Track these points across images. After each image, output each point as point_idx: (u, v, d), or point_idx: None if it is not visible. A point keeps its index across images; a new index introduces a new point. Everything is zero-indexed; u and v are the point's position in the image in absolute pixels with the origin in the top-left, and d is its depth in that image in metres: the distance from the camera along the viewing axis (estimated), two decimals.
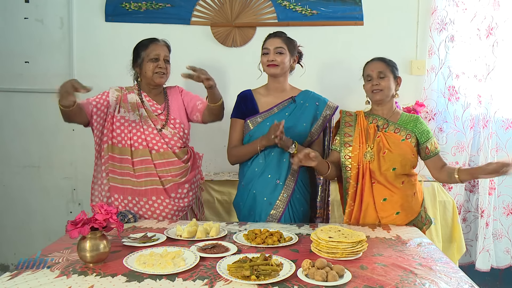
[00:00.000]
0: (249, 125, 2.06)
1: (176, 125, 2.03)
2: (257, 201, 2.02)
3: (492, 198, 2.88)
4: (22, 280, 1.21)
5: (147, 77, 2.01)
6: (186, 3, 2.95)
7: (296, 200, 2.03)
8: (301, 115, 2.05)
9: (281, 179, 2.01)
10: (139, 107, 2.02)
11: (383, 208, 1.89)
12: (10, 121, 3.06)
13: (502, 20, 2.83)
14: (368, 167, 1.88)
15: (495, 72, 2.85)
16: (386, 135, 1.91)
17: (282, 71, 2.03)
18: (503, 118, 2.92)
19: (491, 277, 2.97)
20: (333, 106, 2.12)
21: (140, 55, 2.02)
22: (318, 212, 2.16)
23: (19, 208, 3.11)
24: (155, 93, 2.08)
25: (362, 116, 1.98)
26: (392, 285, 1.21)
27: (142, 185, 1.96)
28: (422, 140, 1.90)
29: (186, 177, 2.03)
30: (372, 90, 1.91)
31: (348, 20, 2.94)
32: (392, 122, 1.93)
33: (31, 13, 3.00)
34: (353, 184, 1.91)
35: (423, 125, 1.93)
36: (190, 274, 1.26)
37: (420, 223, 1.95)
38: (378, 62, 1.94)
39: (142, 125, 1.98)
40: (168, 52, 2.06)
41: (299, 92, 2.10)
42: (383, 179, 1.88)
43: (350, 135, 1.95)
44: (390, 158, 1.87)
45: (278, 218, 1.99)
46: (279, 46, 2.01)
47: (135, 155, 1.96)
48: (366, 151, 1.89)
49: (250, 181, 2.05)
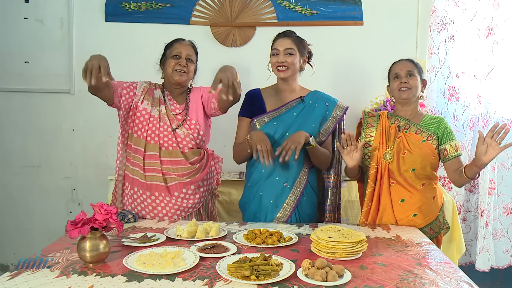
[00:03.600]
0: (255, 124, 2.02)
1: (191, 126, 2.02)
2: (263, 203, 1.99)
3: (492, 198, 2.88)
4: (22, 280, 1.21)
5: (167, 74, 2.03)
6: (186, 3, 2.95)
7: (304, 203, 1.99)
8: (310, 115, 2.00)
9: (289, 182, 1.97)
10: (161, 104, 2.03)
11: (401, 209, 1.87)
12: (10, 121, 3.06)
13: (502, 20, 2.83)
14: (387, 167, 1.88)
15: (495, 72, 2.85)
16: (407, 136, 1.89)
17: (292, 73, 1.99)
18: (503, 118, 2.92)
19: (491, 277, 2.97)
20: (343, 106, 2.07)
21: (165, 53, 2.05)
22: (328, 215, 2.08)
23: (19, 208, 3.11)
24: (177, 93, 2.08)
25: (385, 116, 1.97)
26: (392, 285, 1.21)
27: (148, 179, 1.97)
28: (442, 142, 1.89)
29: (193, 178, 2.00)
30: (400, 88, 1.90)
31: (348, 20, 2.94)
32: (414, 123, 1.92)
33: (31, 13, 3.00)
34: (371, 184, 1.91)
35: (446, 127, 1.90)
36: (190, 274, 1.26)
37: (438, 227, 1.94)
38: (407, 61, 1.95)
39: (159, 121, 1.99)
40: (192, 52, 2.05)
41: (308, 92, 2.07)
42: (402, 180, 1.87)
43: (371, 136, 1.95)
44: (409, 159, 1.85)
45: (284, 221, 1.96)
46: (289, 47, 1.96)
47: (147, 149, 1.98)
48: (386, 151, 1.89)
49: (256, 182, 2.01)
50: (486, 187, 2.86)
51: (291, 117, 1.99)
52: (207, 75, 2.96)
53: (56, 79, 3.02)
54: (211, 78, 1.78)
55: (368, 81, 2.84)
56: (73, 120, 3.04)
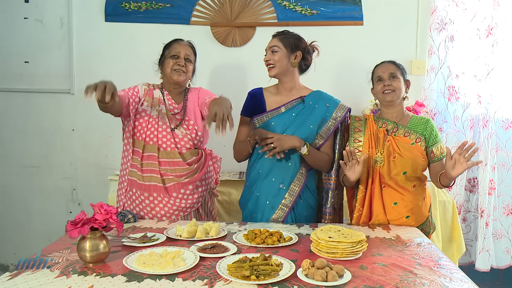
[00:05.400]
0: (255, 124, 2.02)
1: (189, 126, 2.03)
2: (260, 203, 1.99)
3: (492, 198, 2.88)
4: (22, 280, 1.21)
5: (166, 74, 2.04)
6: (186, 3, 2.95)
7: (300, 205, 1.97)
8: (309, 116, 1.97)
9: (284, 183, 1.96)
10: (160, 104, 2.04)
11: (394, 212, 1.87)
12: (10, 121, 3.06)
13: (502, 20, 2.83)
14: (378, 172, 1.87)
15: (495, 72, 2.85)
16: (396, 139, 1.88)
17: (280, 70, 1.97)
18: (503, 118, 2.92)
19: (491, 277, 2.97)
20: (345, 107, 2.01)
21: (164, 54, 2.06)
22: (327, 218, 2.01)
23: (19, 208, 3.11)
24: (176, 92, 2.09)
25: (371, 120, 1.96)
26: (392, 285, 1.21)
27: (146, 180, 1.97)
28: (429, 144, 1.88)
29: (191, 178, 2.01)
30: (384, 91, 1.89)
31: (348, 20, 2.94)
32: (401, 126, 1.91)
33: (31, 13, 3.00)
34: (362, 189, 1.89)
35: (433, 128, 1.90)
36: (190, 274, 1.26)
37: (428, 228, 1.94)
38: (388, 64, 1.95)
39: (158, 121, 2.00)
40: (190, 52, 2.06)
41: (310, 92, 2.04)
42: (394, 183, 1.86)
43: (360, 141, 1.93)
44: (400, 163, 1.85)
45: (280, 222, 1.95)
46: (273, 45, 1.98)
47: (145, 150, 1.98)
48: (376, 156, 1.88)
49: (254, 182, 2.02)
50: (486, 187, 2.86)
51: (289, 117, 1.98)
52: (207, 75, 2.99)
53: (56, 79, 3.02)
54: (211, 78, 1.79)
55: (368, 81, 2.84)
56: (73, 120, 3.04)
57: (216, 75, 3.00)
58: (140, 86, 2.06)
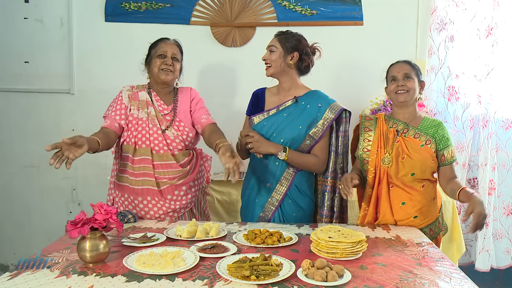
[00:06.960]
0: (252, 123, 2.02)
1: (180, 128, 2.01)
2: (250, 202, 2.03)
3: (492, 198, 2.88)
4: (22, 280, 1.21)
5: (153, 73, 2.01)
6: (186, 3, 2.95)
7: (288, 205, 1.96)
8: (299, 116, 1.95)
9: (272, 182, 1.97)
10: (148, 106, 2.01)
11: (401, 212, 1.85)
12: (10, 121, 3.06)
13: (502, 20, 2.83)
14: (386, 172, 1.85)
15: (495, 72, 2.85)
16: (406, 140, 1.86)
17: (275, 70, 1.97)
18: (503, 118, 2.92)
19: (491, 277, 2.97)
20: (338, 107, 1.95)
21: (150, 53, 2.05)
22: (324, 220, 1.99)
23: (19, 208, 3.12)
24: (164, 92, 2.06)
25: (382, 120, 1.94)
26: (392, 285, 1.21)
27: (139, 184, 1.95)
28: (440, 147, 1.86)
29: (184, 180, 2.00)
30: (397, 91, 1.87)
31: (348, 20, 2.95)
32: (412, 127, 1.89)
33: (30, 13, 3.00)
34: (369, 188, 1.89)
35: (444, 132, 1.88)
36: (190, 274, 1.26)
37: (437, 229, 1.93)
38: (404, 64, 1.92)
39: (148, 124, 1.97)
40: (177, 51, 2.04)
41: (305, 92, 2.01)
42: (401, 183, 1.85)
43: (370, 140, 1.91)
44: (409, 164, 1.83)
45: (267, 221, 1.96)
46: (271, 45, 1.98)
47: (136, 154, 1.96)
48: (384, 156, 1.86)
49: (248, 181, 2.07)
50: (486, 188, 2.86)
51: (281, 118, 1.97)
52: (207, 75, 2.99)
53: (56, 79, 3.02)
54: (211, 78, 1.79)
55: (368, 81, 2.84)
56: (73, 120, 3.04)
57: (216, 75, 3.00)
58: (123, 93, 2.02)
